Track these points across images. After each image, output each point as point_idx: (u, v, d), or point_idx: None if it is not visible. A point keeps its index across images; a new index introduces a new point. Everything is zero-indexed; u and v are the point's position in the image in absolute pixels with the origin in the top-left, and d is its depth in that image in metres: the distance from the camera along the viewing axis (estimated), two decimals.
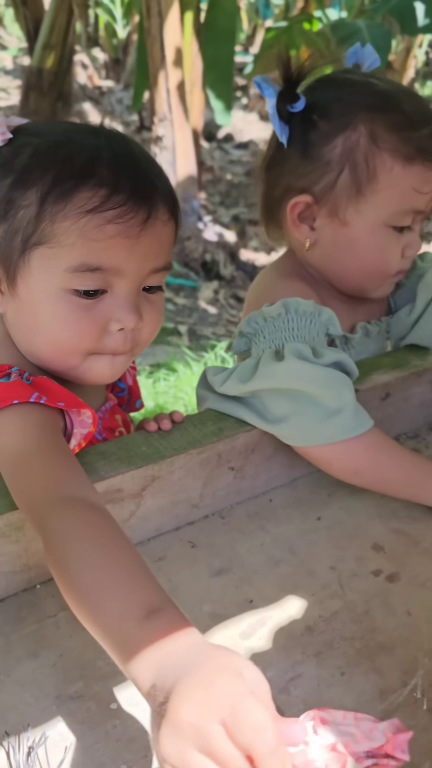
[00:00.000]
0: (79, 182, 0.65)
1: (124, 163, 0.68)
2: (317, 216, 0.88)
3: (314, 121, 0.85)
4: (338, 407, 0.78)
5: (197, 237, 4.01)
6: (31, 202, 0.66)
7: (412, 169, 0.84)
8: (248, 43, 10.90)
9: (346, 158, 0.84)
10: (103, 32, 9.19)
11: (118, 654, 0.50)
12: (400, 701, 0.62)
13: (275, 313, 0.85)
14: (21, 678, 0.63)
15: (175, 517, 0.80)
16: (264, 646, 0.67)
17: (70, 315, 0.68)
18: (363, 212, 0.85)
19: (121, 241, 0.66)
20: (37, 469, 0.64)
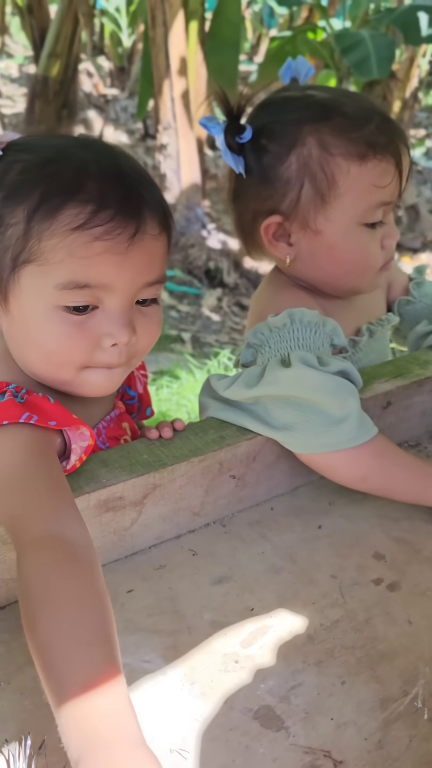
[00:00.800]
0: (65, 199, 0.65)
1: (111, 178, 0.67)
2: (291, 231, 0.90)
3: (263, 145, 0.87)
4: (343, 415, 0.79)
5: (201, 245, 4.02)
6: (19, 220, 0.66)
7: (368, 166, 0.85)
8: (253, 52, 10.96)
9: (303, 172, 0.86)
10: (108, 41, 9.25)
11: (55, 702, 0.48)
12: (401, 710, 0.62)
13: (280, 323, 0.86)
14: (21, 686, 0.63)
15: (176, 525, 0.80)
16: (264, 655, 0.67)
17: (61, 330, 0.68)
18: (332, 218, 0.87)
19: (109, 258, 0.66)
20: (19, 500, 0.62)
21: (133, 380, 0.93)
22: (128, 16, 8.25)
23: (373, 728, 0.61)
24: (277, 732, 0.60)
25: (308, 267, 0.92)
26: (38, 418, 0.68)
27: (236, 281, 3.96)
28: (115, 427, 0.86)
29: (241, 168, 0.88)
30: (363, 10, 4.91)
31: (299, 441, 0.80)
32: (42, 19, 5.68)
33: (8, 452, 0.66)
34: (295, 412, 0.80)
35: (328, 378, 0.80)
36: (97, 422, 0.84)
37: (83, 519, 0.62)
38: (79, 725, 0.46)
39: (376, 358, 1.03)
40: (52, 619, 0.52)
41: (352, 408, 0.79)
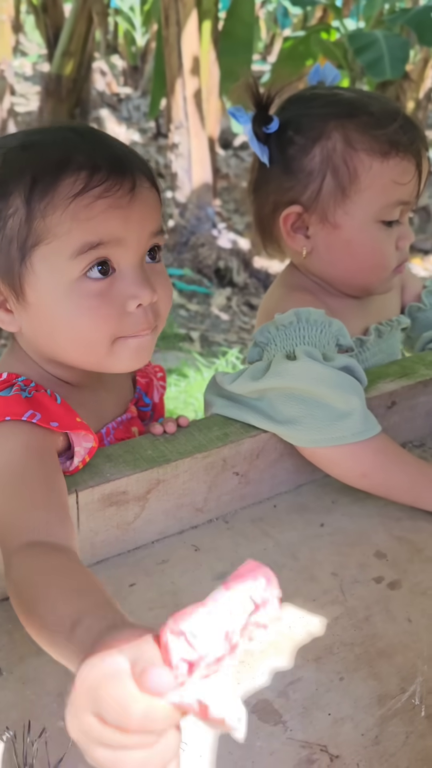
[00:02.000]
0: (59, 172, 0.66)
1: (97, 144, 0.69)
2: (309, 224, 0.91)
3: (290, 137, 0.90)
4: (347, 410, 0.80)
5: (211, 244, 4.02)
6: (17, 208, 0.66)
7: (389, 163, 0.87)
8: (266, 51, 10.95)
9: (326, 165, 0.88)
10: (122, 40, 9.28)
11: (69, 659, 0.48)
12: (398, 707, 0.63)
13: (287, 321, 0.87)
14: (23, 675, 0.64)
15: (179, 521, 0.81)
16: (264, 650, 0.68)
17: (86, 304, 0.68)
18: (351, 213, 0.89)
19: (113, 213, 0.67)
20: (10, 506, 0.63)
21: (151, 388, 0.92)
22: (142, 15, 8.27)
23: (370, 724, 0.61)
24: (274, 726, 0.61)
25: (323, 262, 0.93)
26: (41, 417, 0.68)
27: (246, 281, 3.97)
28: (124, 430, 0.85)
29: (266, 157, 0.90)
30: (377, 11, 4.89)
31: (303, 435, 0.81)
32: (56, 18, 5.70)
33: (7, 451, 0.67)
34: (299, 405, 0.80)
35: (333, 372, 0.80)
36: (108, 422, 0.84)
37: (73, 525, 0.62)
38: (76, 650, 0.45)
39: (385, 358, 1.03)
40: (33, 583, 0.53)
41: (356, 403, 0.80)
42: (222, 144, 6.35)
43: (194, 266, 4.00)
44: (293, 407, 0.81)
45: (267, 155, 0.90)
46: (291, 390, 0.81)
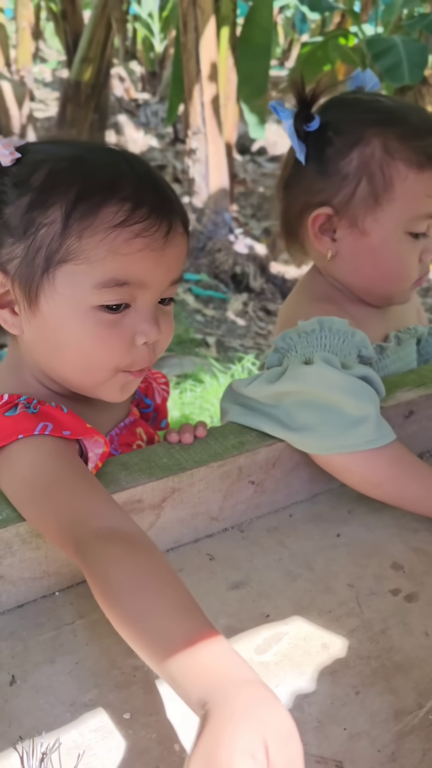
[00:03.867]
0: (104, 197, 0.66)
1: (144, 179, 0.69)
2: (337, 227, 0.91)
3: (329, 138, 0.90)
4: (362, 417, 0.79)
5: (228, 249, 4.02)
6: (54, 220, 0.66)
7: (425, 176, 0.88)
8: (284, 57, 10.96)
9: (363, 170, 0.88)
10: (140, 46, 9.33)
11: (163, 668, 0.52)
12: (415, 723, 0.62)
13: (309, 329, 0.87)
14: (37, 684, 0.63)
15: (194, 529, 0.81)
16: (278, 662, 0.67)
17: (98, 332, 0.69)
18: (381, 221, 0.89)
19: (148, 254, 0.67)
20: (62, 501, 0.65)
21: (150, 389, 0.93)
22: (160, 22, 8.31)
23: (387, 740, 0.60)
24: None
25: (347, 267, 0.94)
26: (53, 428, 0.69)
27: (262, 286, 3.96)
28: (127, 434, 0.86)
29: (302, 155, 0.91)
30: (396, 16, 4.87)
31: (317, 442, 0.80)
32: (76, 25, 5.74)
33: (36, 461, 0.67)
34: (313, 412, 0.80)
35: (348, 378, 0.80)
36: (110, 429, 0.84)
37: None
38: (198, 672, 0.50)
39: (403, 366, 1.02)
40: (136, 595, 0.55)
41: (371, 410, 0.79)
42: (239, 149, 6.36)
43: (211, 271, 4.00)
44: (308, 414, 0.80)
45: (304, 153, 0.91)
46: (305, 395, 0.80)
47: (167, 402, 0.98)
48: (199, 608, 0.56)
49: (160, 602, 0.55)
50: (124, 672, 0.64)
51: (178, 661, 0.51)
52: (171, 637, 0.52)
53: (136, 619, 0.55)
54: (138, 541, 0.61)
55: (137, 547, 0.60)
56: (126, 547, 0.60)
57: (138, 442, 0.87)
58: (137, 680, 0.64)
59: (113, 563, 0.58)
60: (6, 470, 0.68)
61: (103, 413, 0.82)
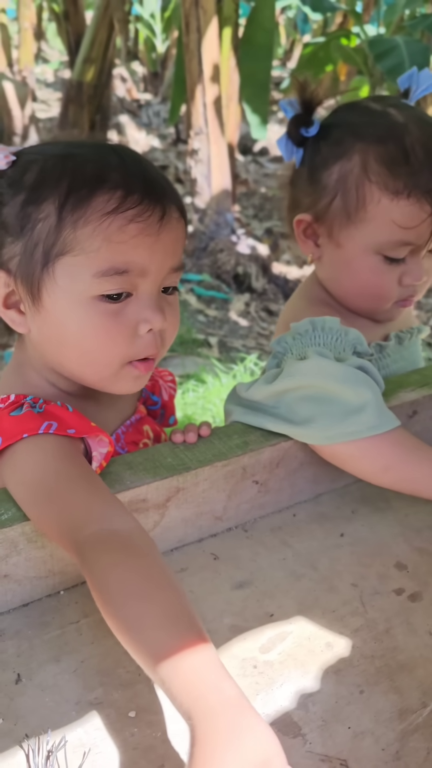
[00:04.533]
0: (94, 187, 0.66)
1: (132, 166, 0.70)
2: (319, 234, 0.92)
3: (320, 146, 0.89)
4: (361, 404, 0.79)
5: (230, 249, 4.03)
6: (48, 214, 0.67)
7: (399, 203, 0.84)
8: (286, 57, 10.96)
9: (340, 185, 0.87)
10: (142, 46, 9.34)
11: (154, 676, 0.53)
12: (419, 722, 0.62)
13: (302, 329, 0.87)
14: (42, 682, 0.64)
15: (198, 529, 0.81)
16: (283, 661, 0.67)
17: (99, 322, 0.69)
18: (354, 238, 0.88)
19: (143, 240, 0.68)
20: (62, 503, 0.65)
21: (157, 387, 0.94)
22: (162, 22, 8.32)
23: (391, 739, 0.60)
24: (293, 738, 0.60)
25: (329, 274, 0.94)
26: (57, 426, 0.69)
27: (264, 286, 3.96)
28: (134, 432, 0.86)
29: (290, 158, 0.91)
30: (398, 16, 4.88)
31: (319, 433, 0.80)
32: (78, 25, 5.75)
33: (39, 461, 0.68)
34: (313, 404, 0.80)
35: (342, 367, 0.80)
36: (116, 427, 0.84)
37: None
38: (183, 686, 0.51)
39: (407, 365, 1.02)
40: (129, 605, 0.56)
41: (369, 397, 0.79)
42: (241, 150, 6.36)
43: (213, 272, 4.00)
44: (308, 407, 0.81)
45: (298, 157, 0.91)
46: (304, 389, 0.81)
47: (174, 399, 0.98)
48: (189, 615, 0.56)
49: (152, 611, 0.55)
50: (129, 671, 0.65)
51: (165, 671, 0.52)
52: (159, 648, 0.53)
53: (129, 628, 0.55)
54: (135, 545, 0.61)
55: (133, 551, 0.60)
56: (122, 553, 0.60)
57: (145, 440, 0.88)
58: (142, 679, 0.64)
59: (108, 570, 0.58)
60: (11, 470, 0.69)
61: (110, 411, 0.82)
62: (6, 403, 0.73)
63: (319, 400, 0.80)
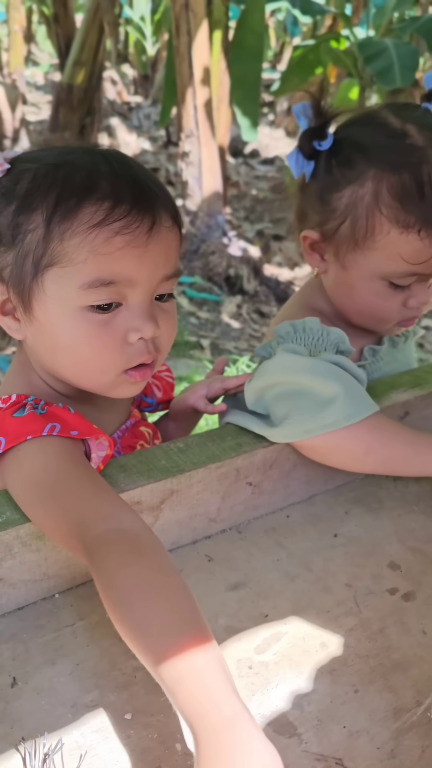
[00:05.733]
0: (81, 198, 0.66)
1: (123, 175, 0.69)
2: (325, 251, 0.91)
3: (331, 165, 0.87)
4: (332, 395, 0.79)
5: (221, 252, 4.04)
6: (37, 225, 0.67)
7: (408, 238, 0.83)
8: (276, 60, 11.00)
9: (350, 210, 0.85)
10: (132, 49, 9.35)
11: (159, 681, 0.54)
12: (414, 720, 0.62)
13: (284, 332, 0.88)
14: (38, 685, 0.64)
15: (192, 531, 0.81)
16: (278, 662, 0.67)
17: (89, 332, 0.69)
18: (360, 263, 0.87)
19: (130, 251, 0.67)
20: (69, 503, 0.65)
21: (149, 388, 0.94)
22: (153, 25, 8.33)
23: (386, 737, 0.61)
24: (289, 738, 0.60)
25: (331, 288, 0.94)
26: (61, 428, 0.69)
27: (256, 288, 3.97)
28: (130, 436, 0.87)
29: (299, 172, 0.89)
30: (387, 19, 4.90)
31: (297, 428, 0.80)
32: (68, 28, 5.75)
33: (44, 462, 0.68)
34: (287, 401, 0.81)
35: (311, 360, 0.81)
36: (112, 432, 0.85)
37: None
38: (187, 697, 0.51)
39: (400, 367, 1.03)
40: (135, 608, 0.56)
41: (338, 388, 0.79)
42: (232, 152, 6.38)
43: (205, 274, 4.01)
44: (283, 405, 0.81)
45: (308, 172, 0.88)
46: (276, 386, 0.82)
47: (174, 388, 0.99)
48: (195, 618, 0.56)
49: (157, 614, 0.55)
50: (125, 673, 0.65)
51: (170, 681, 0.52)
52: (164, 654, 0.53)
53: (134, 631, 0.55)
54: (143, 545, 0.61)
55: (141, 552, 0.60)
56: (130, 554, 0.60)
57: (141, 442, 0.88)
58: (138, 681, 0.64)
59: (116, 571, 0.58)
60: (14, 471, 0.69)
61: (107, 414, 0.83)
62: (7, 404, 0.73)
63: (292, 395, 0.81)
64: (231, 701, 0.51)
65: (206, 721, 0.50)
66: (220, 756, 0.48)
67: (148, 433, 0.90)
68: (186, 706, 0.51)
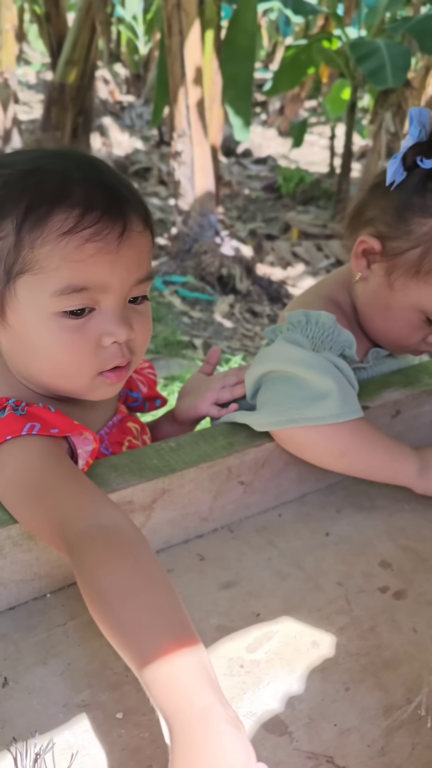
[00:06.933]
0: (52, 206, 0.66)
1: (94, 181, 0.69)
2: (377, 262, 0.89)
3: (428, 188, 0.84)
4: (325, 391, 0.79)
5: (214, 251, 4.04)
6: (8, 233, 0.67)
7: None
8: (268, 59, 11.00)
9: (426, 240, 0.84)
10: (124, 48, 9.34)
11: (138, 675, 0.54)
12: (404, 718, 0.63)
13: (296, 320, 0.88)
14: (30, 685, 0.64)
15: (184, 530, 0.81)
16: (269, 660, 0.68)
17: (62, 337, 0.69)
18: (409, 291, 0.87)
19: (102, 258, 0.67)
20: (51, 501, 0.65)
21: (133, 383, 0.94)
22: (145, 25, 8.32)
23: (376, 735, 0.61)
24: (280, 737, 0.61)
25: (364, 297, 0.94)
26: (41, 427, 0.69)
27: (248, 288, 3.98)
28: (117, 432, 0.87)
29: (391, 179, 0.85)
30: (379, 19, 4.92)
31: (281, 416, 0.80)
32: (60, 27, 5.74)
33: (25, 462, 0.68)
34: (277, 387, 0.81)
35: (309, 353, 0.81)
36: (99, 429, 0.85)
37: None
38: (162, 690, 0.52)
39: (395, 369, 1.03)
40: (115, 606, 0.56)
41: (332, 386, 0.79)
42: (224, 152, 6.38)
43: (197, 273, 4.01)
44: (271, 391, 0.82)
45: (397, 179, 0.85)
46: (272, 374, 0.82)
47: (156, 384, 0.99)
48: (174, 613, 0.56)
49: (136, 611, 0.56)
50: (116, 672, 0.65)
51: (147, 676, 0.53)
52: (141, 651, 0.54)
53: (113, 627, 0.56)
54: (122, 540, 0.61)
55: (120, 547, 0.60)
56: (108, 549, 0.60)
57: (129, 438, 0.88)
58: (129, 680, 0.64)
59: (95, 569, 0.58)
60: None
61: (91, 413, 0.83)
62: None
63: (283, 382, 0.81)
64: (204, 695, 0.51)
65: (180, 715, 0.50)
66: (193, 750, 0.49)
67: (135, 429, 0.90)
68: (161, 701, 0.52)
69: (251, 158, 7.02)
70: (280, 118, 8.15)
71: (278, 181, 6.13)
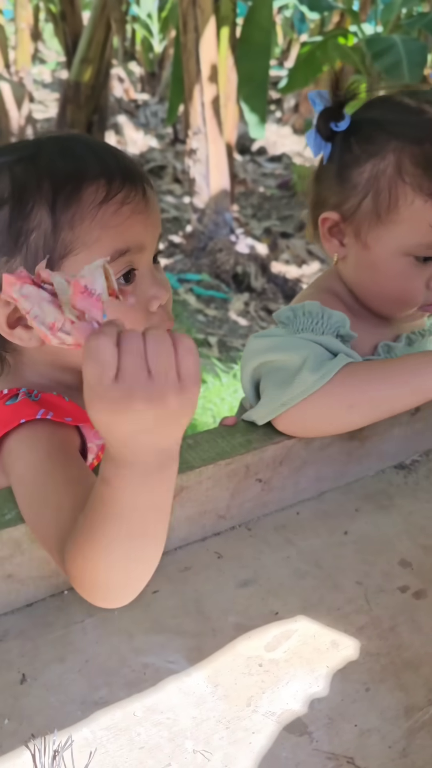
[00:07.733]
0: (79, 180, 0.67)
1: (97, 151, 0.71)
2: (345, 234, 0.90)
3: (350, 143, 0.87)
4: (299, 364, 0.79)
5: (229, 249, 4.03)
6: (40, 220, 0.66)
7: None
8: (283, 57, 10.96)
9: (371, 185, 0.85)
10: (139, 47, 9.34)
11: None
12: (426, 719, 0.62)
13: (284, 317, 0.88)
14: (47, 682, 0.64)
15: (201, 528, 0.81)
16: (288, 659, 0.67)
17: (114, 315, 0.68)
18: (383, 239, 0.86)
19: (135, 218, 0.69)
20: (50, 506, 0.63)
21: None
22: (160, 22, 8.31)
23: (398, 736, 0.60)
24: (300, 737, 0.60)
25: (351, 274, 0.93)
26: (54, 414, 0.69)
27: (264, 286, 3.96)
28: None
29: (323, 153, 0.89)
30: (395, 15, 4.87)
31: (273, 403, 0.79)
32: (75, 26, 5.75)
33: (33, 448, 0.67)
34: (265, 378, 0.82)
35: (279, 339, 0.82)
36: None
37: None
38: None
39: None
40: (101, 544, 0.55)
41: (304, 354, 0.78)
42: (239, 149, 6.36)
43: (212, 271, 4.00)
44: (262, 383, 0.83)
45: (326, 152, 0.88)
46: (256, 372, 0.84)
47: None
48: None
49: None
50: (135, 670, 0.65)
51: None
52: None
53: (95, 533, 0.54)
54: None
55: None
56: None
57: None
58: (148, 678, 0.64)
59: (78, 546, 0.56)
60: (12, 462, 0.68)
61: None
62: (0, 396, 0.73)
63: (266, 375, 0.82)
64: None
65: None
66: None
67: None
68: None
69: (266, 156, 6.99)
70: (295, 115, 8.12)
71: (293, 178, 6.10)
